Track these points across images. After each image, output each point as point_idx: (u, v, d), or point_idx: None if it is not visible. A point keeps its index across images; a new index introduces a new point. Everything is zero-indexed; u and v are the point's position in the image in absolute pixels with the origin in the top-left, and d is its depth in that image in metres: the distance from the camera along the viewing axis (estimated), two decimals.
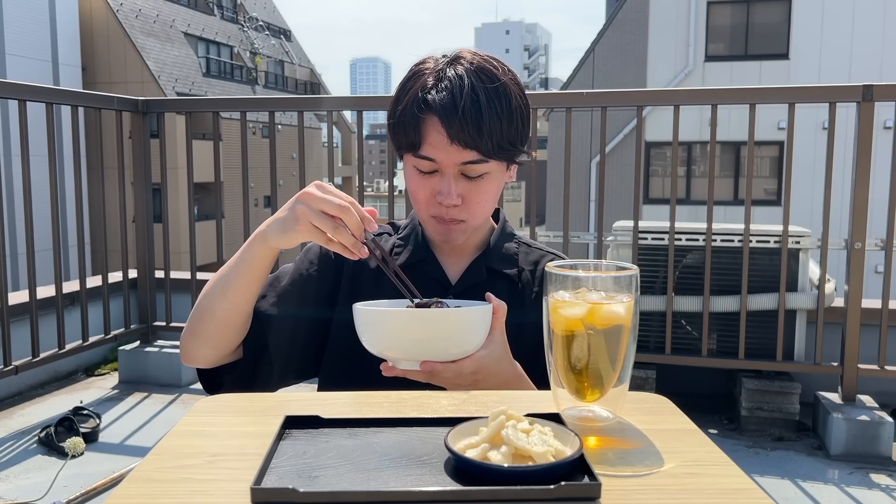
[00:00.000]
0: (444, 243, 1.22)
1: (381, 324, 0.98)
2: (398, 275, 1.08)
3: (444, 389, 1.02)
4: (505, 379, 1.05)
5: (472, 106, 1.08)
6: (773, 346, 2.98)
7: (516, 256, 1.27)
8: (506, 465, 0.68)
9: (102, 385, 3.51)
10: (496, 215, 1.32)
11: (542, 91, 16.02)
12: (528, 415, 0.76)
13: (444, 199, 1.13)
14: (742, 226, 3.00)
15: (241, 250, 1.10)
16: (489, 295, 1.05)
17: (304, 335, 1.21)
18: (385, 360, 1.01)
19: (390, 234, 1.29)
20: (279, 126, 18.52)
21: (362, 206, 1.01)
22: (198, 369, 1.19)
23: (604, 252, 3.19)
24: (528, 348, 1.12)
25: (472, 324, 0.99)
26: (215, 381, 1.18)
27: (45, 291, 3.18)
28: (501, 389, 1.03)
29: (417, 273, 1.19)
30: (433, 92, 1.10)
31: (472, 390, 1.02)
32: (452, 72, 1.11)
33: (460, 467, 0.70)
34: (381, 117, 3.42)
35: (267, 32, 28.39)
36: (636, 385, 2.70)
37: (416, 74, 1.14)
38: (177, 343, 3.60)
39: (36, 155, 2.88)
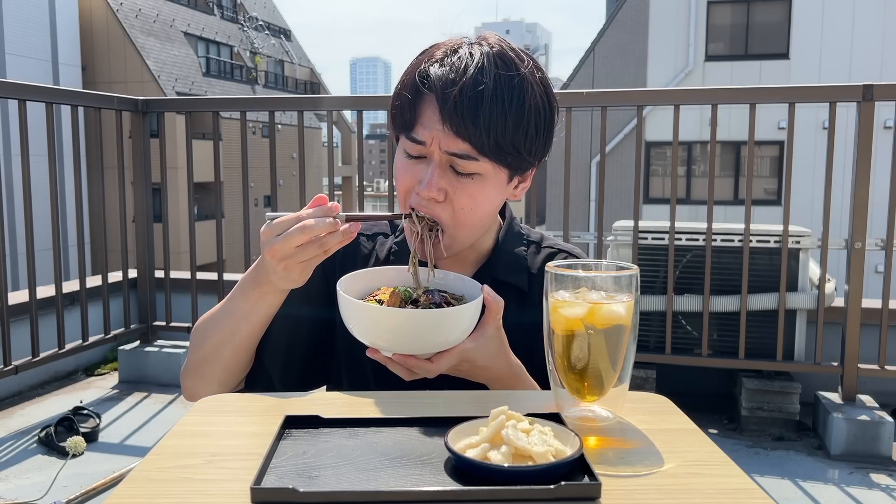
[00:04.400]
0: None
1: (358, 314, 0.95)
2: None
3: (441, 384, 1.01)
4: (497, 375, 1.01)
5: (474, 87, 0.95)
6: (773, 345, 2.98)
7: (525, 260, 1.14)
8: (506, 465, 0.68)
9: (102, 385, 3.51)
10: (502, 211, 1.18)
11: None
12: (529, 415, 0.76)
13: (422, 190, 1.00)
14: (742, 225, 2.99)
15: (248, 298, 1.02)
16: (485, 288, 0.97)
17: (316, 335, 1.15)
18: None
19: (386, 236, 1.20)
20: (279, 126, 18.53)
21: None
22: None
23: (604, 252, 3.19)
24: (524, 351, 1.07)
25: (453, 322, 0.94)
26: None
27: (45, 291, 3.18)
28: (494, 386, 1.02)
29: None
30: (436, 66, 0.99)
31: (464, 378, 1.01)
32: (467, 49, 0.99)
33: (460, 467, 0.70)
34: (381, 117, 3.43)
35: (267, 32, 28.38)
36: (636, 385, 2.69)
37: (430, 48, 1.04)
38: (177, 343, 3.60)
39: (36, 155, 2.88)
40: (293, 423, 0.81)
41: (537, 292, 1.12)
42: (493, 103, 0.95)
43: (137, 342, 3.62)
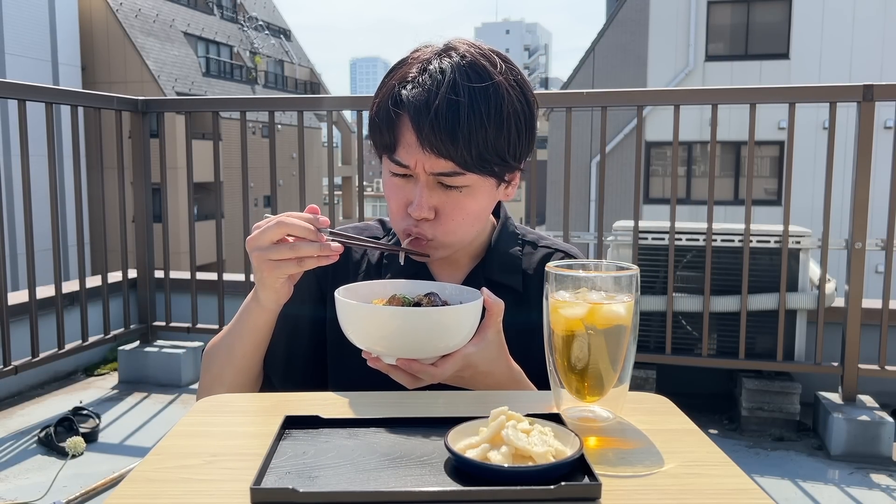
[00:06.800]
0: (420, 259, 1.08)
1: (359, 318, 0.93)
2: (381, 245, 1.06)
3: (442, 387, 1.01)
4: (497, 380, 1.00)
5: (449, 107, 0.94)
6: (773, 346, 2.98)
7: (520, 260, 1.13)
8: (506, 465, 0.68)
9: (102, 385, 3.51)
10: (497, 211, 1.17)
11: (542, 91, 15.98)
12: (529, 415, 0.76)
13: (413, 211, 1.00)
14: (742, 226, 2.99)
15: (241, 318, 1.05)
16: (484, 290, 0.95)
17: (314, 338, 1.15)
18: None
19: (377, 239, 1.18)
20: (279, 126, 18.53)
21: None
22: None
23: (604, 252, 3.19)
24: (520, 353, 1.05)
25: (455, 322, 0.93)
26: None
27: (45, 291, 3.18)
28: (493, 390, 1.00)
29: None
30: (409, 87, 0.97)
31: (465, 387, 1.00)
32: (437, 64, 0.97)
33: (460, 467, 0.70)
34: None
35: (267, 32, 28.38)
36: (636, 385, 2.69)
37: (401, 63, 1.02)
38: (176, 343, 3.60)
39: (36, 155, 2.88)
40: (293, 423, 0.81)
41: (534, 293, 1.10)
42: (471, 119, 0.94)
43: (137, 342, 3.62)
